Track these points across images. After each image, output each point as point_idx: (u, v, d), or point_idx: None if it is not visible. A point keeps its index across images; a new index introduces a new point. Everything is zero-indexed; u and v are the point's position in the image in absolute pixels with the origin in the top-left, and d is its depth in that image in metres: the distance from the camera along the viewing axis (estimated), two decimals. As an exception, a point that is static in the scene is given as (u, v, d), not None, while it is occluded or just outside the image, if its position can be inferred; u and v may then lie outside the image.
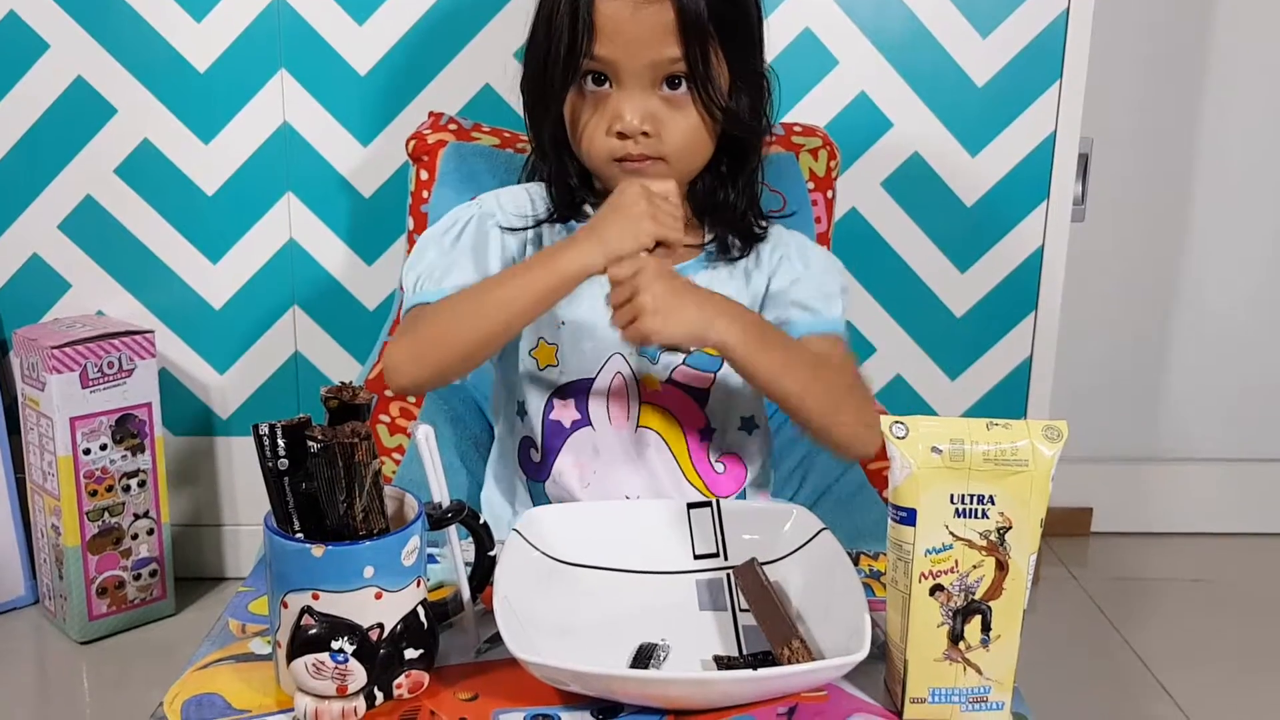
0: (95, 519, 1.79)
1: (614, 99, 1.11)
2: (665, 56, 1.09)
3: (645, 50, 1.09)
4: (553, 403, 1.18)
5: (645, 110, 1.10)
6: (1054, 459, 0.81)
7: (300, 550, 0.77)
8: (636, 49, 1.08)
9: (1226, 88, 2.08)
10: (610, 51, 1.09)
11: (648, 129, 1.10)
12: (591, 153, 1.13)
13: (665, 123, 1.11)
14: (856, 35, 1.77)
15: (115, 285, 1.87)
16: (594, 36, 1.08)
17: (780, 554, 0.98)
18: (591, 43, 1.08)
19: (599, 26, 1.08)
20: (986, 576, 0.81)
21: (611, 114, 1.11)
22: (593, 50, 1.09)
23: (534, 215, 1.20)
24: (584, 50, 1.09)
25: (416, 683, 0.82)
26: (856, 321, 1.87)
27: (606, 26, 1.08)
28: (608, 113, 1.11)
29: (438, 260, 1.15)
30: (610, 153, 1.12)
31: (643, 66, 1.09)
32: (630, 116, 1.10)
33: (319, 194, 1.84)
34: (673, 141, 1.12)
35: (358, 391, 0.83)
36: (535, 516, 0.99)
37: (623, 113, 1.10)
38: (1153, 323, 2.20)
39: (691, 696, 0.81)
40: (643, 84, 1.10)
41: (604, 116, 1.11)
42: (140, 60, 1.78)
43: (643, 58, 1.09)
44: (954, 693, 0.82)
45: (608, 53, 1.09)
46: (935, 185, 1.84)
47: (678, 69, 1.10)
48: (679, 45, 1.09)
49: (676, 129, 1.12)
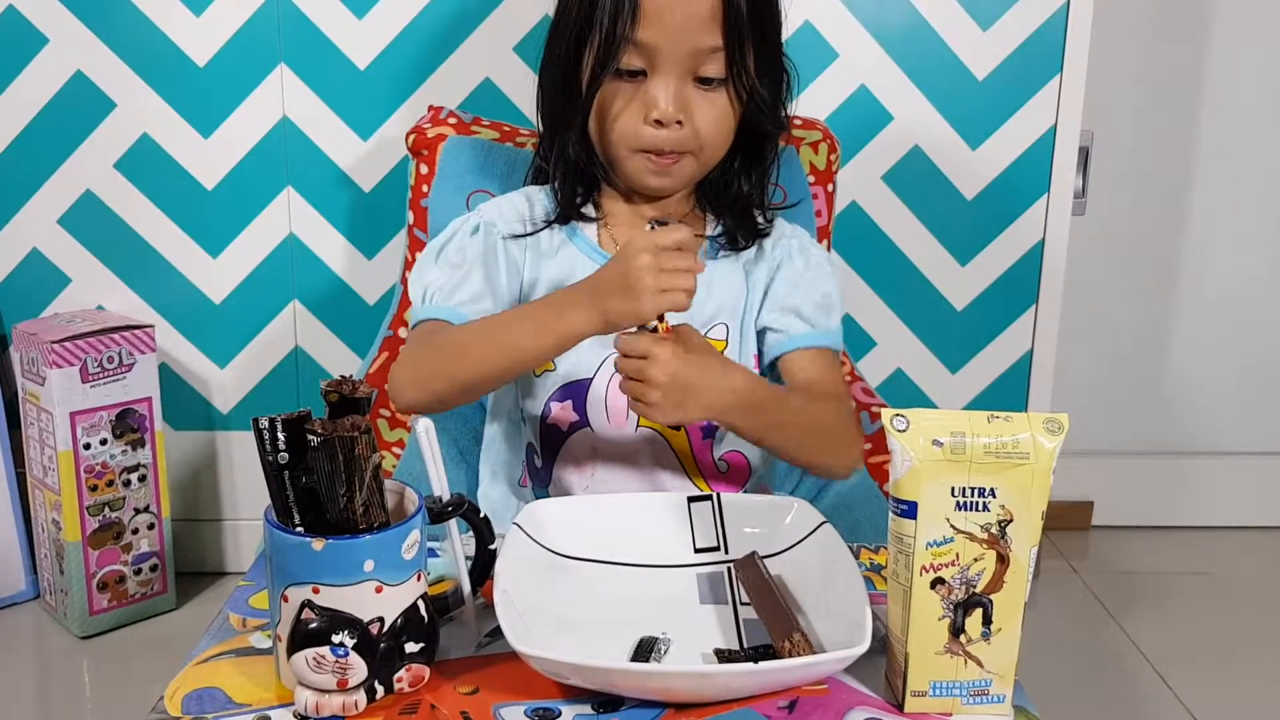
0: (96, 514, 1.79)
1: (649, 86, 1.11)
2: (706, 45, 1.09)
3: (687, 37, 1.09)
4: (550, 407, 1.18)
5: (679, 98, 1.10)
6: (1055, 452, 0.81)
7: (300, 544, 0.77)
8: (679, 35, 1.09)
9: (1226, 81, 2.07)
10: (652, 36, 1.09)
11: (681, 118, 1.11)
12: (621, 142, 1.13)
13: (697, 113, 1.12)
14: (857, 28, 1.77)
15: (115, 280, 1.87)
16: (637, 20, 1.08)
17: (781, 547, 0.98)
18: (634, 26, 1.08)
19: (643, 9, 1.08)
20: (988, 570, 0.81)
21: (646, 101, 1.11)
22: (634, 35, 1.08)
23: (532, 220, 1.20)
24: (625, 33, 1.08)
25: (417, 676, 0.82)
26: (857, 315, 1.88)
27: (651, 10, 1.08)
28: (641, 100, 1.11)
29: (447, 272, 1.16)
30: (641, 142, 1.12)
31: (683, 53, 1.09)
32: (666, 104, 1.10)
33: (319, 188, 1.83)
34: (704, 133, 1.12)
35: (358, 385, 0.82)
36: (535, 510, 0.99)
37: (658, 99, 1.10)
38: (1153, 316, 2.19)
39: (692, 690, 0.80)
40: (679, 72, 1.10)
41: (638, 104, 1.11)
42: (140, 54, 1.77)
43: (684, 44, 1.09)
44: (955, 686, 0.82)
45: (649, 37, 1.09)
46: (936, 178, 1.83)
47: (716, 58, 1.10)
48: (720, 34, 1.09)
49: (708, 120, 1.12)
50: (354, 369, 1.78)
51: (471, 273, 1.15)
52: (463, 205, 1.43)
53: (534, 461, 1.21)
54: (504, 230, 1.19)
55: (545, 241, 1.20)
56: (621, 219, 1.22)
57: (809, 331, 1.20)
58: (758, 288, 1.21)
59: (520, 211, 1.21)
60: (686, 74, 1.11)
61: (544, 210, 1.21)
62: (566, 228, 1.21)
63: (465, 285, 1.15)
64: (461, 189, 1.44)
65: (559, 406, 1.18)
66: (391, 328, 1.53)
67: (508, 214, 1.21)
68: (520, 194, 1.24)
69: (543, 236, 1.20)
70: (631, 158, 1.14)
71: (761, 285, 1.21)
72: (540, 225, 1.20)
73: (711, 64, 1.11)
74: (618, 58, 1.10)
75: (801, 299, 1.20)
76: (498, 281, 1.17)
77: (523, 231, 1.19)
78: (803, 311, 1.19)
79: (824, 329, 1.20)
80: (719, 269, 1.20)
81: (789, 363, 1.20)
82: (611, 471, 1.18)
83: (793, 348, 1.19)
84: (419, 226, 1.49)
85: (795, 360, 1.19)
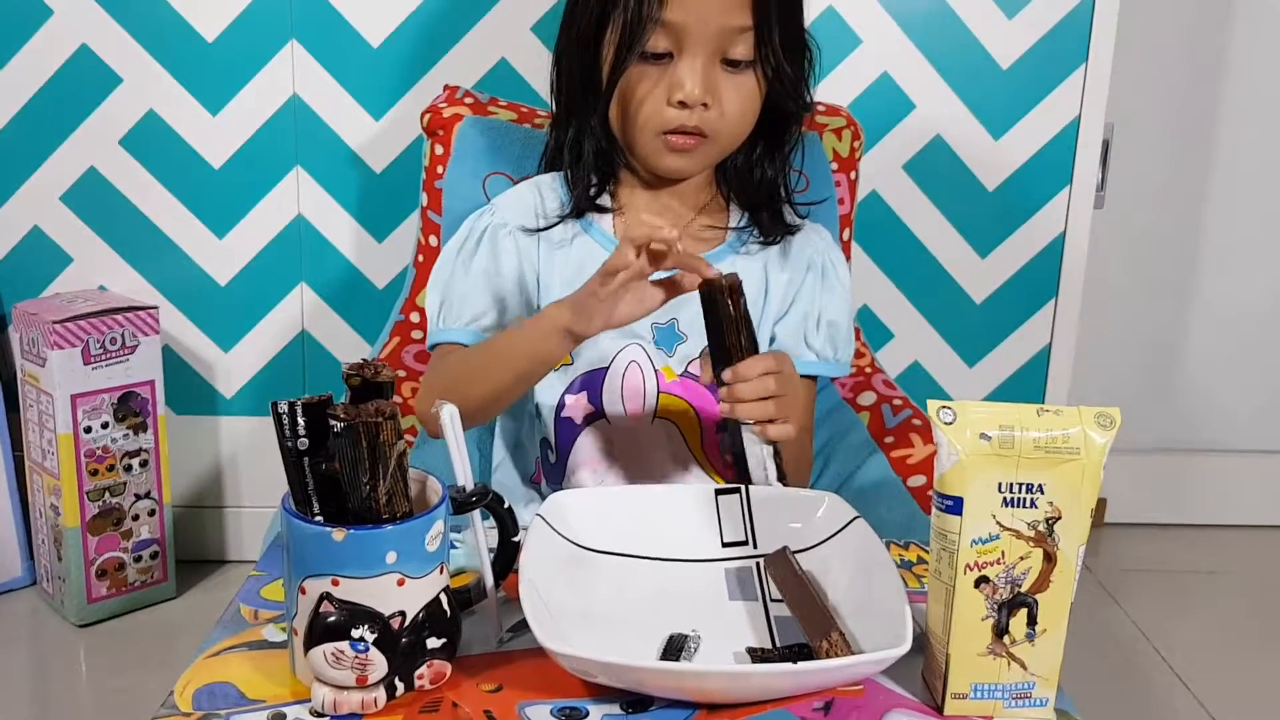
0: (95, 499, 1.76)
1: (676, 68, 1.08)
2: (735, 24, 1.07)
3: (717, 17, 1.06)
4: (564, 400, 1.15)
5: (707, 80, 1.08)
6: (1106, 447, 0.78)
7: (320, 534, 0.74)
8: (708, 15, 1.06)
9: (1250, 76, 2.05)
10: (680, 16, 1.06)
11: (708, 100, 1.08)
12: (645, 124, 1.10)
13: (724, 94, 1.09)
14: (880, 14, 1.74)
15: (118, 260, 1.84)
16: (665, 0, 1.05)
17: (811, 542, 0.94)
18: (662, 6, 1.05)
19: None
20: (1034, 568, 0.78)
21: (672, 83, 1.08)
22: (662, 15, 1.06)
23: (544, 213, 1.17)
24: (652, 14, 1.05)
25: (439, 673, 0.79)
26: (875, 306, 1.85)
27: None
28: (667, 82, 1.08)
29: (456, 288, 1.15)
30: (666, 124, 1.09)
31: (711, 34, 1.07)
32: (692, 86, 1.07)
33: (329, 169, 1.80)
34: (729, 114, 1.10)
35: (380, 369, 0.79)
36: (559, 501, 0.95)
37: (684, 81, 1.07)
38: (1171, 312, 2.17)
39: (727, 690, 0.78)
40: (707, 53, 1.07)
41: (663, 87, 1.08)
42: (147, 28, 1.74)
43: (713, 24, 1.06)
44: (997, 688, 0.80)
45: (677, 17, 1.06)
46: (957, 168, 1.80)
47: (745, 39, 1.08)
48: (750, 13, 1.06)
49: (734, 103, 1.10)
50: (363, 355, 1.75)
51: (476, 285, 1.14)
52: (478, 188, 1.40)
53: (548, 457, 1.18)
54: (514, 226, 1.17)
55: (559, 233, 1.17)
56: (639, 207, 1.19)
57: (821, 366, 1.19)
58: (777, 293, 1.18)
59: (530, 205, 1.18)
60: (714, 55, 1.08)
61: (556, 201, 1.19)
62: (581, 221, 1.18)
63: (471, 300, 1.14)
64: (477, 171, 1.41)
65: (574, 398, 1.15)
66: (403, 312, 1.49)
67: (518, 209, 1.18)
68: (530, 185, 1.21)
69: (555, 229, 1.17)
70: (654, 138, 1.11)
71: (780, 292, 1.18)
72: (554, 220, 1.17)
73: (740, 45, 1.08)
74: (644, 40, 1.07)
75: (818, 332, 1.19)
76: (502, 292, 1.15)
77: (534, 226, 1.16)
78: (818, 347, 1.19)
79: (827, 359, 1.19)
80: (740, 265, 1.18)
81: None
82: (627, 464, 1.15)
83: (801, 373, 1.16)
84: (433, 209, 1.45)
85: None
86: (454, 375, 1.11)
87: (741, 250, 1.19)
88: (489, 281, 1.15)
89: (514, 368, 1.06)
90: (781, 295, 1.18)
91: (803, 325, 1.18)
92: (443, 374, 1.13)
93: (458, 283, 1.15)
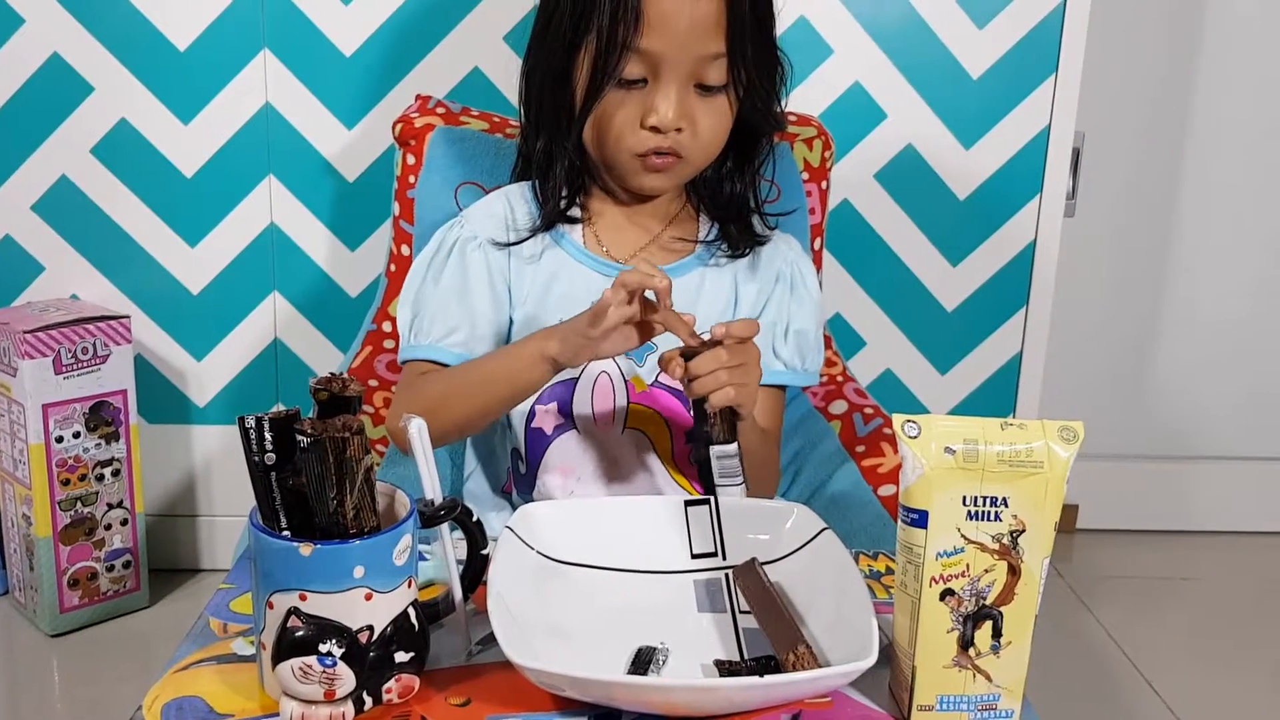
0: (67, 509, 1.75)
1: (651, 94, 1.08)
2: (710, 51, 1.07)
3: (692, 44, 1.06)
4: (534, 410, 1.15)
5: (682, 106, 1.08)
6: (1070, 461, 0.79)
7: (287, 549, 0.74)
8: (683, 42, 1.05)
9: (1219, 83, 2.06)
10: (656, 44, 1.05)
11: (682, 125, 1.08)
12: (620, 147, 1.10)
13: (698, 119, 1.09)
14: (852, 24, 1.74)
15: (90, 268, 1.83)
16: (640, 28, 1.05)
17: (780, 554, 0.95)
18: (637, 34, 1.05)
19: (647, 17, 1.04)
20: (998, 581, 0.79)
21: (647, 108, 1.08)
22: (637, 43, 1.05)
23: (514, 224, 1.17)
24: (628, 42, 1.05)
25: (407, 687, 0.79)
26: (846, 314, 1.85)
27: (655, 18, 1.04)
28: (642, 107, 1.08)
29: (427, 304, 1.15)
30: (641, 147, 1.09)
31: (686, 60, 1.06)
32: (666, 111, 1.07)
33: (301, 177, 1.79)
34: (703, 138, 1.10)
35: (348, 383, 0.79)
36: (528, 513, 0.96)
37: (659, 107, 1.07)
38: (1141, 319, 2.18)
39: (694, 703, 0.78)
40: (680, 78, 1.07)
41: (638, 111, 1.08)
42: (119, 37, 1.73)
43: (688, 51, 1.06)
44: (963, 700, 0.80)
45: (653, 45, 1.05)
46: (928, 178, 1.81)
47: (718, 65, 1.08)
48: (724, 40, 1.06)
49: (708, 125, 1.10)
50: (335, 364, 1.75)
51: (448, 304, 1.14)
52: (450, 197, 1.39)
53: (518, 467, 1.18)
54: (485, 239, 1.17)
55: (529, 246, 1.17)
56: (609, 220, 1.19)
57: (790, 376, 1.20)
58: (746, 303, 1.19)
59: (501, 216, 1.18)
60: (688, 81, 1.08)
61: (526, 213, 1.19)
62: (553, 234, 1.18)
63: (441, 318, 1.14)
64: (449, 181, 1.40)
65: (544, 408, 1.15)
66: (375, 322, 1.49)
67: (488, 222, 1.18)
68: (499, 196, 1.21)
69: (526, 247, 1.17)
70: (630, 160, 1.11)
71: (749, 302, 1.19)
72: (525, 233, 1.17)
73: (714, 70, 1.08)
74: (620, 68, 1.06)
75: (788, 342, 1.19)
76: (473, 308, 1.15)
77: (504, 238, 1.17)
78: (787, 358, 1.19)
79: (795, 369, 1.20)
80: (709, 276, 1.18)
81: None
82: (597, 473, 1.15)
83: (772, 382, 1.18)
84: (405, 218, 1.45)
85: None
86: (433, 396, 1.11)
87: (710, 262, 1.19)
88: (459, 297, 1.15)
89: (496, 392, 1.07)
90: (750, 305, 1.19)
91: (771, 335, 1.19)
92: (421, 394, 1.12)
93: (428, 298, 1.15)
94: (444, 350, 1.14)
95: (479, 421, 1.12)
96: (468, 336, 1.14)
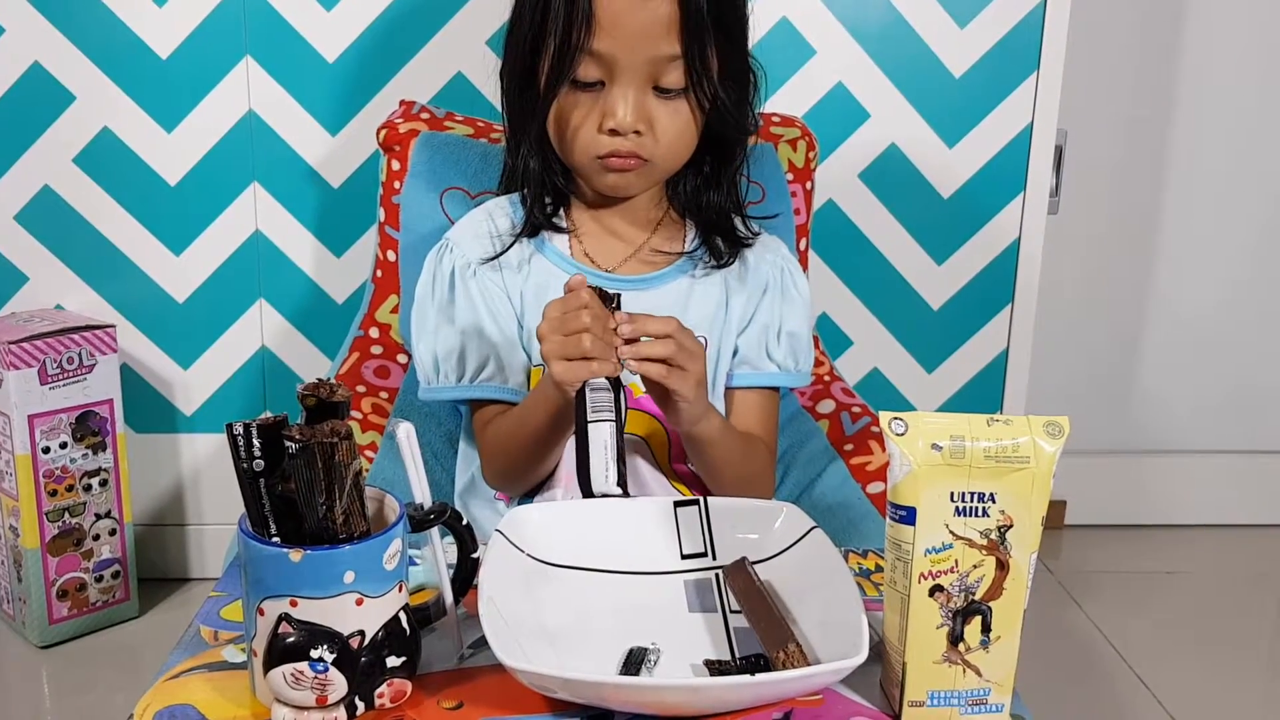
0: (55, 519, 1.74)
1: (608, 96, 1.08)
2: (665, 53, 1.07)
3: (645, 45, 1.06)
4: None
5: (639, 108, 1.08)
6: (1055, 456, 0.79)
7: (277, 555, 0.74)
8: (636, 44, 1.06)
9: (1201, 80, 2.07)
10: (608, 46, 1.06)
11: (640, 128, 1.08)
12: (578, 150, 1.11)
13: (657, 122, 1.09)
14: (834, 25, 1.75)
15: (75, 278, 1.82)
16: (592, 30, 1.05)
17: (770, 553, 0.95)
18: (589, 36, 1.05)
19: (599, 19, 1.05)
20: (987, 576, 0.80)
21: (604, 110, 1.08)
22: (590, 44, 1.05)
23: (498, 237, 1.18)
24: (580, 44, 1.05)
25: (399, 691, 0.79)
26: (833, 314, 1.86)
27: (606, 19, 1.05)
28: (599, 109, 1.08)
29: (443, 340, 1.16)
30: (600, 149, 1.09)
31: (641, 62, 1.07)
32: (623, 113, 1.07)
33: (286, 184, 1.79)
34: (664, 141, 1.10)
35: (336, 388, 0.79)
36: (518, 516, 0.96)
37: (615, 109, 1.07)
38: (1126, 315, 2.19)
39: (686, 703, 0.78)
40: (637, 81, 1.07)
41: (596, 114, 1.09)
42: (100, 46, 1.72)
43: (642, 53, 1.06)
44: (953, 695, 0.81)
45: (605, 47, 1.06)
46: (912, 177, 1.82)
47: (675, 67, 1.08)
48: (679, 41, 1.06)
49: (668, 129, 1.10)
50: (323, 370, 1.75)
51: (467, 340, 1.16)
52: (435, 202, 1.40)
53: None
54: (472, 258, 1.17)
55: (515, 255, 1.18)
56: (590, 230, 1.20)
57: (782, 377, 1.21)
58: (737, 308, 1.19)
59: (484, 230, 1.19)
60: (646, 83, 1.08)
61: (507, 222, 1.19)
62: (535, 239, 1.18)
63: (470, 356, 1.16)
64: (434, 186, 1.41)
65: None
66: (362, 328, 1.49)
67: (472, 242, 1.18)
68: (481, 212, 1.22)
69: (510, 251, 1.17)
70: (591, 162, 1.12)
71: (740, 307, 1.19)
72: (508, 239, 1.17)
73: (671, 73, 1.08)
74: (574, 69, 1.07)
75: (772, 336, 1.20)
76: (492, 332, 1.16)
77: (489, 252, 1.17)
78: (771, 351, 1.20)
79: (789, 370, 1.21)
80: (698, 285, 1.19)
81: (739, 397, 1.21)
82: None
83: (747, 384, 1.19)
84: (390, 224, 1.45)
85: (746, 397, 1.21)
86: (496, 444, 1.15)
87: (697, 270, 1.19)
88: (478, 334, 1.16)
89: (535, 425, 1.08)
90: (741, 310, 1.19)
91: (764, 337, 1.19)
92: (489, 444, 1.16)
93: (445, 333, 1.17)
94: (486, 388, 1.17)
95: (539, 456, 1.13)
96: (495, 369, 1.17)
